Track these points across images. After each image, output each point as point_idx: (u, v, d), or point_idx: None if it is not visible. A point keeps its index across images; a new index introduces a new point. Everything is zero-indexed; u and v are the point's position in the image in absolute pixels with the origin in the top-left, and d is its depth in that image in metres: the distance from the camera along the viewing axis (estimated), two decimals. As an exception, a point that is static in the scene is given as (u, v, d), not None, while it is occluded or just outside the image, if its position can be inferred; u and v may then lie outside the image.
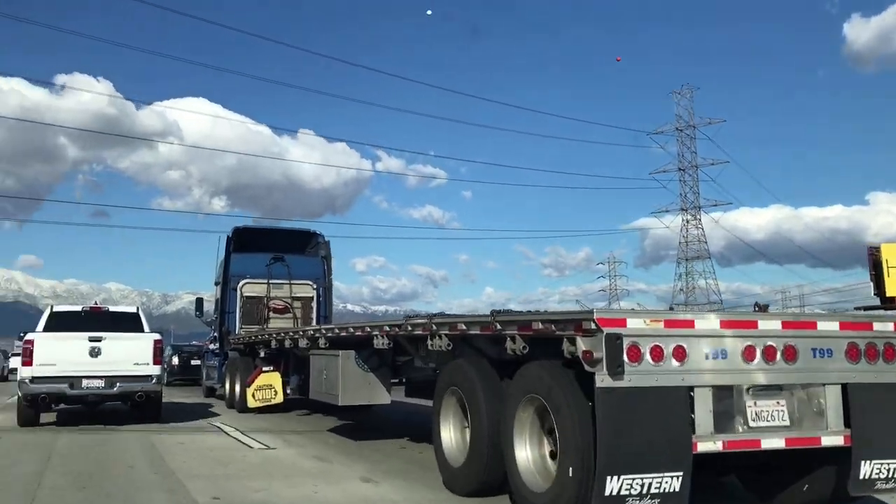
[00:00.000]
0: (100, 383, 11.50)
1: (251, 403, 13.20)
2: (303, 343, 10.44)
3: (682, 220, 71.03)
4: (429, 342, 6.46)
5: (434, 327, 6.33)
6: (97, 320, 12.26)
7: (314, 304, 16.79)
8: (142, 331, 12.33)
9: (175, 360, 25.86)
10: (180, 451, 8.89)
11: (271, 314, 16.45)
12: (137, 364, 11.70)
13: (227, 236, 16.52)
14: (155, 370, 11.88)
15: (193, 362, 25.32)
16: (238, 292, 16.27)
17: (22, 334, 12.78)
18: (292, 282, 16.61)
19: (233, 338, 15.63)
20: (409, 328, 6.90)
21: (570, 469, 4.46)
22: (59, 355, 11.52)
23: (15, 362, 29.90)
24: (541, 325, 4.76)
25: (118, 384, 11.52)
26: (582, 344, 4.36)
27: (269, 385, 13.22)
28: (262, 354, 14.14)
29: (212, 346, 18.03)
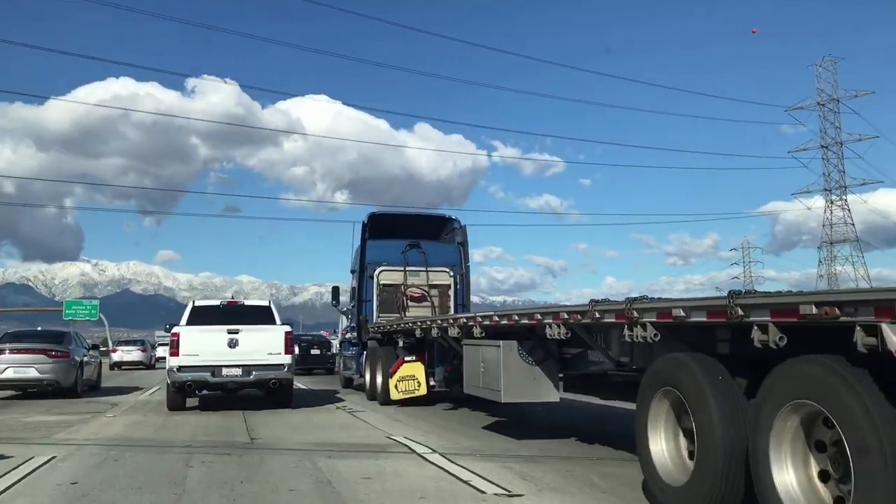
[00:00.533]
0: (238, 372, 12.46)
1: (394, 395, 12.55)
2: (453, 332, 9.60)
3: (826, 201, 66.17)
4: (626, 332, 5.37)
5: (635, 314, 5.22)
6: (234, 313, 13.24)
7: (451, 293, 16.03)
8: (274, 323, 13.16)
9: (295, 350, 26.21)
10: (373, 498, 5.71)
11: (409, 302, 15.83)
12: (271, 354, 12.58)
13: (363, 223, 15.98)
14: (286, 359, 12.72)
15: (313, 352, 26.92)
16: (375, 280, 15.73)
17: (168, 326, 13.66)
18: (429, 269, 15.92)
19: (372, 326, 15.09)
20: (597, 315, 5.82)
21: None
22: (201, 346, 12.48)
23: (161, 352, 33.87)
24: (814, 310, 3.59)
25: (254, 372, 12.47)
26: (893, 334, 3.18)
27: (412, 376, 12.53)
28: (401, 344, 13.54)
29: (348, 336, 17.62)
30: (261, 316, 13.36)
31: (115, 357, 34.92)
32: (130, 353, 35.16)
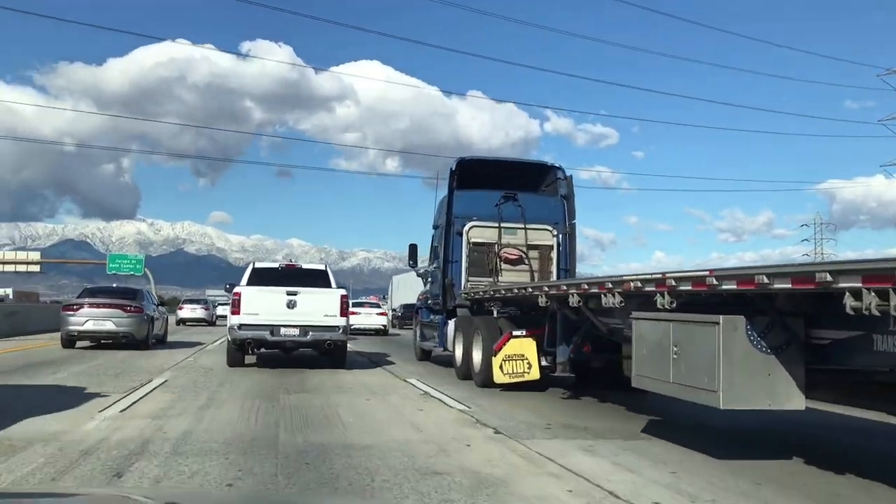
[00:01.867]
0: (295, 332, 12.67)
1: (498, 378, 10.02)
2: (609, 301, 6.94)
3: (920, 176, 61.31)
4: None
5: None
6: (292, 276, 13.38)
7: (553, 255, 13.38)
8: (330, 286, 13.29)
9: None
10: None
11: (503, 265, 13.26)
12: (327, 316, 12.73)
13: (451, 169, 13.38)
14: (342, 322, 12.87)
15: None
16: (464, 237, 13.18)
17: (228, 286, 14.08)
18: (527, 226, 13.29)
19: (469, 291, 12.62)
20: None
21: None
22: (261, 306, 12.63)
23: (221, 311, 36.22)
24: None
25: (310, 333, 12.69)
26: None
27: (520, 355, 9.95)
28: (495, 314, 11.35)
29: (429, 302, 15.11)
30: (317, 279, 13.47)
31: (181, 314, 37.29)
32: (195, 311, 37.47)
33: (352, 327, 29.82)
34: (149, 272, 54.50)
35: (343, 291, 13.38)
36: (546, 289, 8.86)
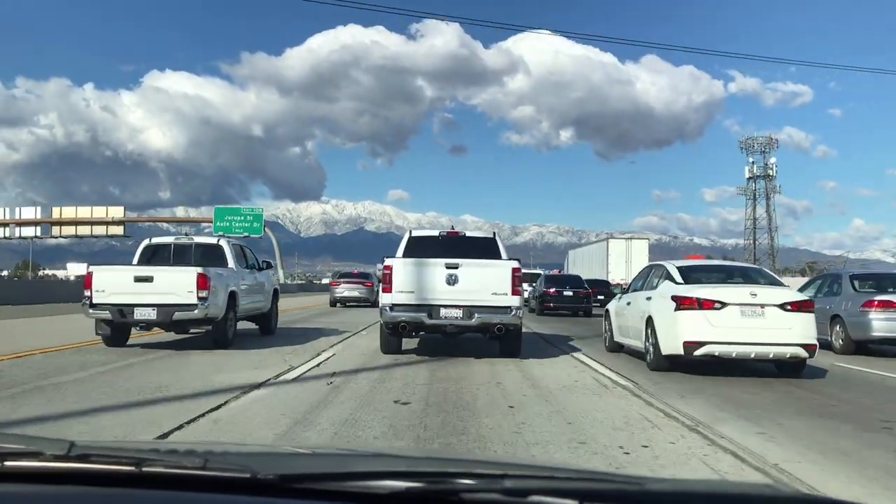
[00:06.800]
0: (457, 313, 10.79)
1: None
2: None
3: None
4: None
5: None
6: (455, 245, 11.68)
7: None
8: (499, 257, 11.54)
9: (525, 292, 24.40)
10: None
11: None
12: (495, 294, 10.77)
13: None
14: (514, 301, 10.80)
15: (566, 293, 27.22)
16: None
17: (384, 259, 11.70)
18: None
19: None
20: None
21: None
22: (416, 282, 10.87)
23: None
24: None
25: (476, 315, 10.72)
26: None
27: None
28: None
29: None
30: (485, 249, 11.66)
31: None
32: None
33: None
34: (269, 233, 44.39)
35: (515, 263, 10.99)
36: None
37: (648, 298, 10.73)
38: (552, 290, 27.01)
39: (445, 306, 10.76)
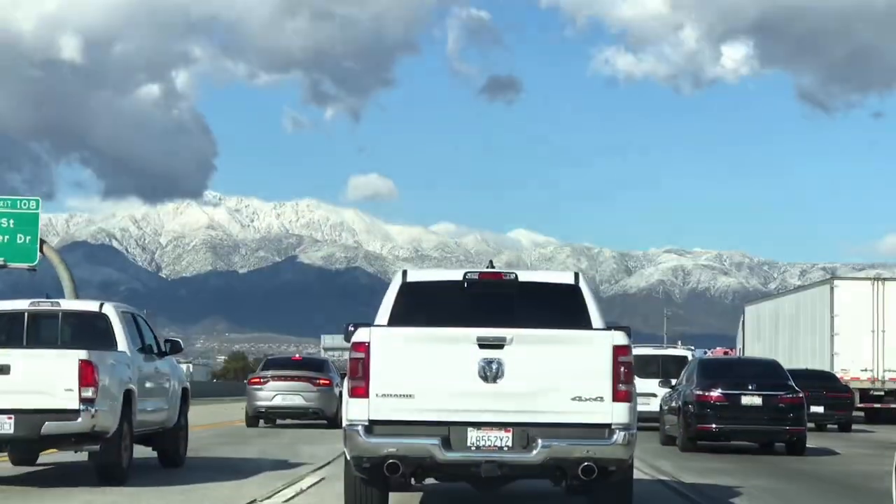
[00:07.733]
0: (502, 438, 6.07)
1: None
2: None
3: None
4: None
5: None
6: (494, 300, 6.84)
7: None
8: (586, 324, 6.54)
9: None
10: None
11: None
12: (578, 399, 6.01)
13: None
14: (618, 413, 6.03)
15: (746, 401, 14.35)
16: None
17: (351, 327, 6.55)
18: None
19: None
20: None
21: None
22: (419, 376, 6.13)
23: None
24: None
25: (539, 442, 5.98)
26: None
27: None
28: None
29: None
30: (555, 307, 6.74)
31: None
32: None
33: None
34: (62, 266, 26.55)
35: (620, 336, 6.28)
36: None
37: None
38: (716, 392, 14.87)
39: (478, 425, 6.13)
